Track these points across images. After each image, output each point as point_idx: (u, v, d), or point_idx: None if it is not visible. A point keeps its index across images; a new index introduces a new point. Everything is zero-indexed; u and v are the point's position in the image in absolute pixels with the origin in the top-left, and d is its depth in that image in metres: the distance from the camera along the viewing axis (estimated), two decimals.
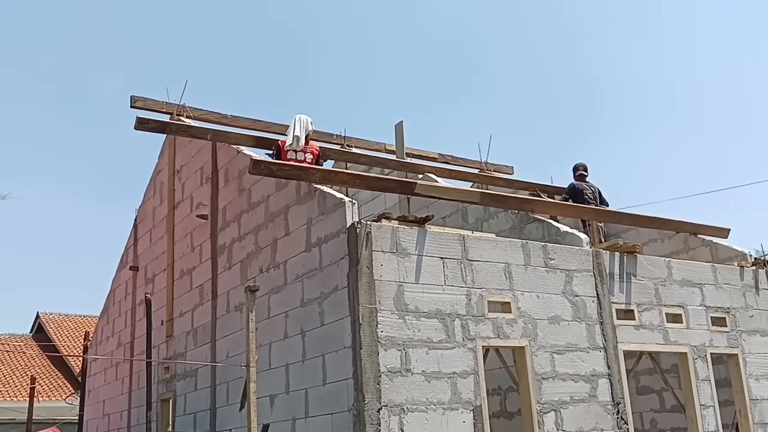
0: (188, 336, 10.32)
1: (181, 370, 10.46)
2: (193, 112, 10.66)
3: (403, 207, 11.12)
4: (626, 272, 8.52)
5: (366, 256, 6.80)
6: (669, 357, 9.54)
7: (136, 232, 13.09)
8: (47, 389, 21.78)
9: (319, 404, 7.07)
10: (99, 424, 13.57)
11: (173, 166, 11.60)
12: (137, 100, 10.62)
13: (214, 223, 9.96)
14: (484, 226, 9.90)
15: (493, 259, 7.58)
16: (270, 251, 8.38)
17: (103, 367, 13.84)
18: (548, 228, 9.02)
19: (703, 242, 10.42)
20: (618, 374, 7.96)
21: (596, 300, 8.12)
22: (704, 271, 9.26)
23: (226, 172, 9.84)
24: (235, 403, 8.32)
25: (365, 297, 6.67)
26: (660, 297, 8.66)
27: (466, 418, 6.84)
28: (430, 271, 7.12)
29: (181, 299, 10.75)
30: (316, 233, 7.52)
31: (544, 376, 7.45)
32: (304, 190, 7.87)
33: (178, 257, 11.05)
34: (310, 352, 7.34)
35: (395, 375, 6.58)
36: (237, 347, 8.58)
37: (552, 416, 7.36)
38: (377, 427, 6.33)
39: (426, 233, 7.26)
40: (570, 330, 7.80)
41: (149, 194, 12.68)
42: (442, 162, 13.02)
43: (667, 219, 10.47)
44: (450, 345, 6.99)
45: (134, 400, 11.97)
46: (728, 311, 9.20)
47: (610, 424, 7.70)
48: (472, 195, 9.24)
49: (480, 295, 7.34)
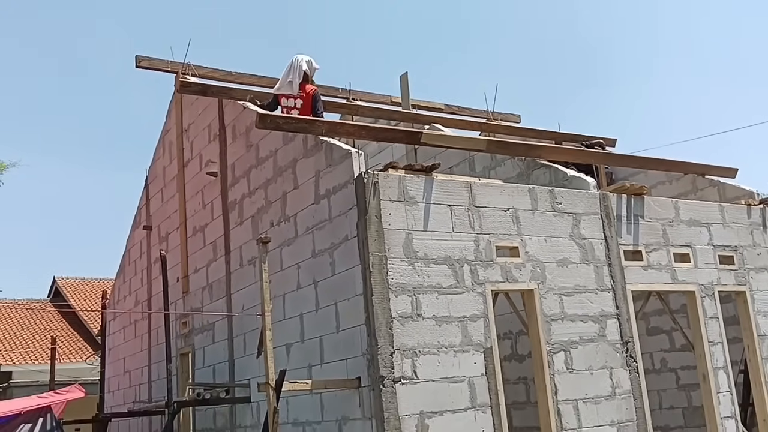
0: (204, 291, 10.51)
1: (198, 325, 10.69)
2: (198, 70, 10.68)
3: (411, 158, 11.17)
4: (634, 214, 8.59)
5: (374, 205, 6.89)
6: (678, 297, 9.66)
7: (148, 192, 13.23)
8: (67, 352, 22.21)
9: (334, 351, 7.25)
10: (120, 380, 13.91)
11: (181, 125, 11.67)
12: (142, 60, 10.65)
13: (224, 180, 10.07)
14: (492, 174, 9.96)
15: (500, 205, 7.67)
16: (280, 205, 8.50)
17: (122, 325, 14.13)
18: (555, 173, 9.08)
19: (711, 183, 10.45)
20: (626, 314, 8.09)
21: (604, 242, 8.21)
22: (711, 210, 9.31)
23: (234, 129, 9.91)
24: (252, 353, 8.53)
25: (375, 245, 6.79)
26: (668, 237, 8.74)
27: (477, 359, 7.01)
28: (438, 218, 7.22)
29: (195, 256, 10.92)
30: (324, 185, 7.62)
31: (552, 317, 7.59)
32: (311, 143, 7.94)
33: (190, 215, 11.19)
34: (323, 301, 7.50)
35: (406, 320, 6.73)
36: (252, 300, 8.76)
37: (561, 356, 7.52)
38: (391, 369, 6.51)
39: (433, 181, 7.34)
40: (578, 272, 7.91)
41: (159, 154, 12.78)
42: (448, 113, 13.02)
43: (674, 161, 10.51)
44: (459, 290, 7.12)
45: (154, 356, 12.26)
46: (736, 249, 9.28)
47: (619, 362, 7.86)
48: (479, 143, 9.28)
49: (488, 241, 7.44)
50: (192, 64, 10.62)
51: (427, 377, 6.68)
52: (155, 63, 10.63)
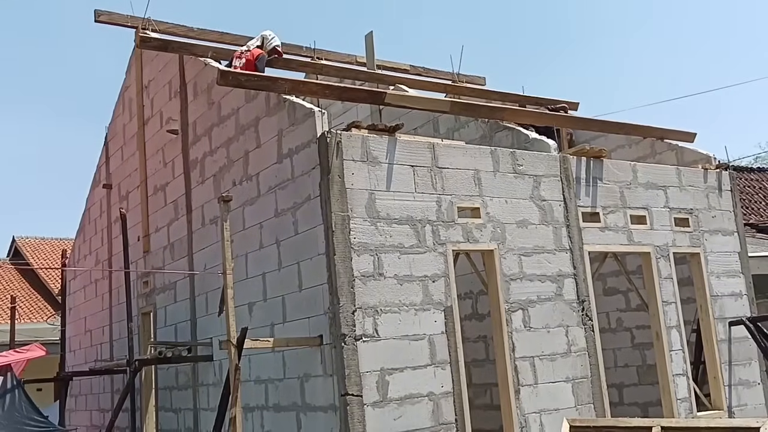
0: (165, 251, 10.46)
1: (160, 284, 10.65)
2: (159, 26, 10.47)
3: (375, 119, 11.13)
4: (593, 176, 8.72)
5: (337, 165, 6.90)
6: (634, 259, 9.87)
7: (108, 149, 13.03)
8: (27, 312, 21.96)
9: (296, 309, 7.30)
10: (81, 339, 13.84)
11: (141, 81, 11.47)
12: (101, 14, 10.41)
13: (185, 138, 9.96)
14: (455, 136, 9.99)
15: (462, 167, 7.73)
16: (242, 164, 8.45)
17: (83, 284, 14.00)
18: (517, 135, 9.15)
19: (670, 147, 10.63)
20: (583, 274, 8.26)
21: (563, 204, 8.33)
22: (668, 174, 9.49)
23: (195, 86, 9.77)
24: (214, 312, 8.55)
25: (337, 205, 6.82)
26: (625, 200, 8.90)
27: (438, 317, 7.12)
28: (400, 179, 7.26)
29: (156, 215, 10.83)
30: (287, 144, 7.59)
31: (512, 277, 7.72)
32: (274, 102, 7.88)
33: (150, 173, 11.06)
34: (286, 261, 7.52)
35: (368, 279, 6.80)
36: (214, 259, 8.74)
37: (519, 314, 7.67)
38: (352, 327, 6.59)
39: (396, 142, 7.36)
40: (537, 233, 8.04)
41: (118, 111, 12.56)
42: (414, 74, 12.96)
43: (634, 125, 10.65)
44: (421, 250, 7.20)
45: (115, 316, 12.20)
46: (691, 212, 9.50)
47: (575, 321, 8.05)
48: (442, 104, 9.29)
49: (450, 202, 7.51)
50: (153, 19, 10.40)
51: (388, 335, 6.78)
52: (115, 18, 10.39)
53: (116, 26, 10.51)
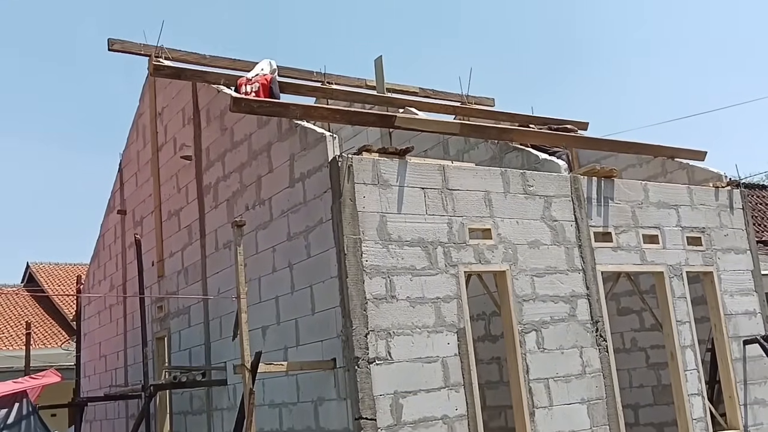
0: (179, 275, 10.53)
1: (174, 309, 10.71)
2: (172, 53, 10.61)
3: (386, 142, 11.22)
4: (604, 196, 8.74)
5: (348, 188, 6.96)
6: (647, 278, 9.85)
7: (122, 176, 13.16)
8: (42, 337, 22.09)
9: (309, 332, 7.33)
10: (96, 365, 13.89)
11: (155, 108, 11.61)
12: (115, 42, 10.56)
13: (199, 164, 10.06)
14: (465, 157, 10.05)
15: (473, 188, 7.77)
16: (255, 188, 8.53)
17: (97, 310, 14.08)
18: (527, 156, 9.19)
19: (680, 166, 10.62)
20: (596, 294, 8.25)
21: (574, 224, 8.35)
22: (680, 192, 9.49)
23: (208, 112, 9.89)
24: (228, 336, 8.59)
25: (349, 228, 6.86)
26: (637, 219, 8.90)
27: (451, 339, 7.13)
28: (411, 201, 7.31)
29: (170, 240, 10.92)
30: (299, 168, 7.66)
31: (524, 298, 7.72)
32: (286, 127, 7.97)
33: (165, 199, 11.17)
34: (299, 284, 7.56)
35: (381, 301, 6.83)
36: (227, 283, 8.79)
37: (533, 336, 7.66)
38: (365, 350, 6.61)
39: (407, 164, 7.41)
40: (549, 253, 8.05)
41: (132, 138, 12.71)
42: (423, 96, 13.05)
43: (644, 144, 10.67)
44: (433, 272, 7.22)
45: (129, 341, 12.26)
46: (703, 231, 9.48)
47: (589, 342, 8.03)
48: (452, 126, 9.36)
49: (461, 223, 7.54)
50: (165, 47, 10.55)
51: (401, 358, 6.79)
52: (128, 46, 10.54)
53: (130, 54, 10.67)
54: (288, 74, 10.86)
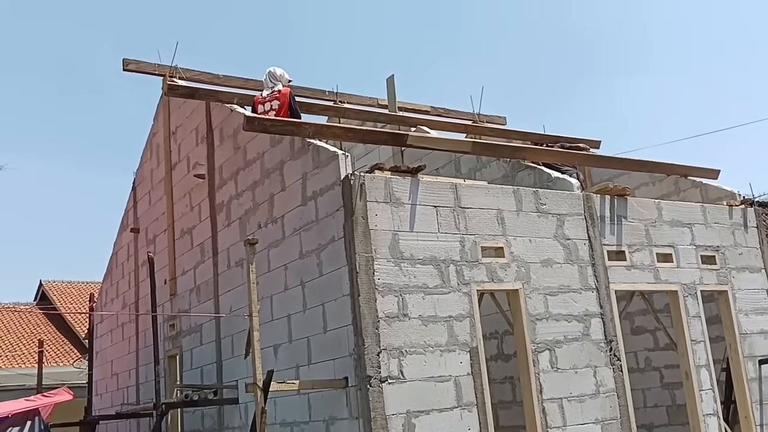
0: (191, 293, 10.54)
1: (186, 327, 10.72)
2: (186, 73, 10.72)
3: (397, 160, 11.24)
4: (617, 215, 8.71)
5: (361, 206, 6.97)
6: (661, 297, 9.78)
7: (135, 194, 13.24)
8: (54, 355, 22.13)
9: (321, 351, 7.31)
10: (108, 383, 13.90)
11: (168, 127, 11.70)
12: (129, 63, 10.69)
13: (212, 182, 10.11)
14: (477, 176, 10.05)
15: (485, 206, 7.76)
16: (267, 207, 8.55)
17: (109, 328, 14.11)
18: (540, 174, 9.18)
19: (694, 184, 10.58)
20: (610, 313, 8.20)
21: (588, 242, 8.32)
22: (694, 211, 9.45)
23: (221, 131, 9.96)
24: (240, 355, 8.58)
25: (361, 246, 6.86)
26: (650, 238, 8.86)
27: (463, 358, 7.09)
28: (423, 219, 7.31)
29: (182, 258, 10.95)
30: (311, 187, 7.68)
31: (537, 317, 7.68)
32: (298, 145, 8.00)
33: (177, 217, 11.22)
34: (311, 302, 7.56)
35: (393, 320, 6.81)
36: (240, 301, 8.80)
37: (546, 355, 7.61)
38: (378, 369, 6.58)
39: (419, 183, 7.42)
40: (562, 272, 8.02)
41: (146, 157, 12.80)
42: (434, 115, 13.11)
43: (657, 162, 10.65)
44: (445, 290, 7.20)
45: (141, 359, 12.26)
46: (717, 249, 9.42)
47: (603, 361, 7.97)
48: (464, 144, 9.38)
49: (473, 241, 7.53)
50: (179, 67, 10.67)
51: (413, 377, 6.76)
52: (143, 66, 10.66)
53: (144, 74, 10.79)
54: (300, 93, 10.93)
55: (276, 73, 9.21)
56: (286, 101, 8.93)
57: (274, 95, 8.99)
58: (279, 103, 8.89)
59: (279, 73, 9.23)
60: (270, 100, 9.00)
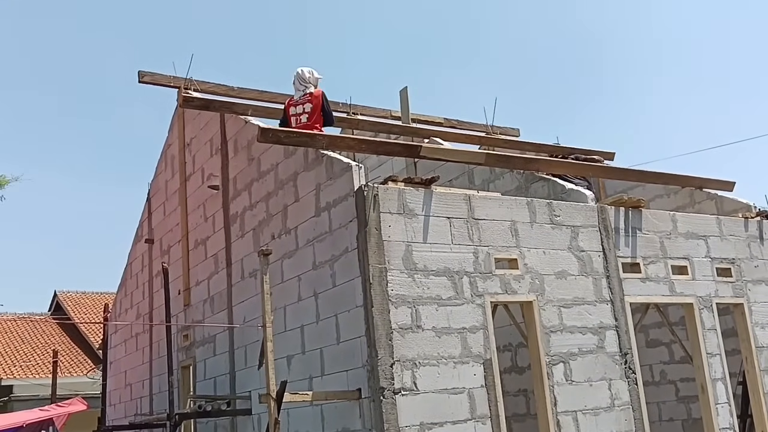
0: (205, 304, 10.58)
1: (199, 337, 10.75)
2: (201, 86, 10.79)
3: (411, 172, 11.27)
4: (631, 226, 8.67)
5: (374, 218, 6.98)
6: (677, 310, 9.72)
7: (150, 205, 13.32)
8: (68, 365, 22.23)
9: (334, 362, 7.30)
10: (121, 393, 13.94)
11: (183, 139, 11.77)
12: (145, 75, 10.77)
13: (226, 193, 10.16)
14: (491, 187, 10.04)
15: (499, 218, 7.75)
16: (281, 218, 8.58)
17: (123, 338, 14.17)
18: (554, 186, 9.16)
19: (709, 196, 10.54)
20: (625, 326, 8.15)
21: (602, 254, 8.28)
22: (709, 223, 9.39)
23: (236, 143, 10.01)
24: (253, 366, 8.59)
25: (375, 257, 6.87)
26: (665, 250, 8.81)
27: (477, 370, 7.06)
28: (437, 230, 7.30)
29: (196, 269, 10.99)
30: (324, 198, 7.70)
31: (552, 329, 7.65)
32: (312, 157, 8.03)
33: (192, 228, 11.27)
34: (324, 313, 7.56)
35: (406, 331, 6.80)
36: (253, 312, 8.82)
37: (561, 367, 7.57)
38: (391, 381, 6.56)
39: (432, 194, 7.42)
40: (577, 284, 7.98)
41: (161, 168, 12.88)
42: (448, 126, 13.12)
43: (672, 174, 10.60)
44: (459, 301, 7.19)
45: (155, 369, 12.30)
46: (733, 262, 9.35)
47: (618, 374, 7.91)
48: (477, 156, 9.37)
49: (487, 253, 7.51)
50: (194, 79, 10.74)
51: (427, 388, 6.73)
52: (158, 78, 10.74)
53: (159, 86, 10.87)
54: None
55: (305, 75, 8.88)
56: (318, 104, 8.71)
57: (306, 98, 8.75)
58: (312, 105, 8.69)
59: (308, 75, 8.90)
60: (302, 103, 8.78)
